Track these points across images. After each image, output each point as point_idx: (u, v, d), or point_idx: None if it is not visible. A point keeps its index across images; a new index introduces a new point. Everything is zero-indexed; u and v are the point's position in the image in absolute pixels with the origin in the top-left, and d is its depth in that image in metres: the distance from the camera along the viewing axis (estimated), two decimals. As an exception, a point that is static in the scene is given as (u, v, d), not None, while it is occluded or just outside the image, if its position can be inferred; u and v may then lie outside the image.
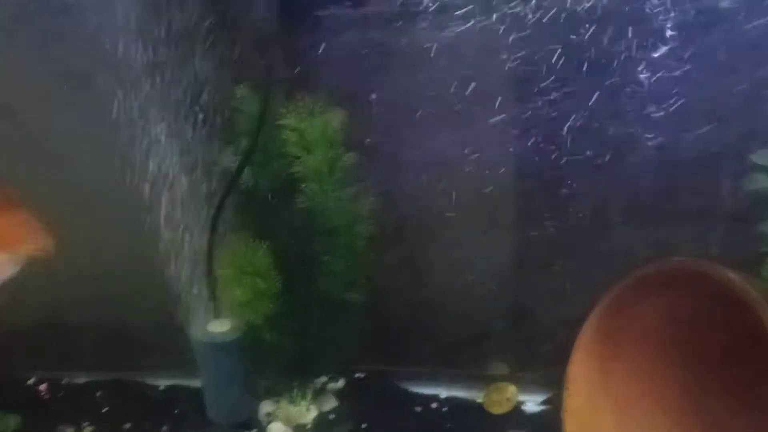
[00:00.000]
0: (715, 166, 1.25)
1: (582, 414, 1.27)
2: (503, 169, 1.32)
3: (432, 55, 1.24)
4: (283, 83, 1.27)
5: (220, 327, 1.41)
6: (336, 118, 1.25)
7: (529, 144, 1.27)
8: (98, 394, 1.60)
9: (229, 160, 1.31)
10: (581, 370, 1.26)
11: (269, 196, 1.31)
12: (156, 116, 1.29)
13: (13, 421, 1.50)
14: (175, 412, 1.53)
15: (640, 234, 1.30)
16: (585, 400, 1.26)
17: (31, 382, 1.65)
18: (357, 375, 1.54)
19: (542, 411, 1.44)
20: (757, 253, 1.19)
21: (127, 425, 1.51)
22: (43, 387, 1.63)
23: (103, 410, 1.56)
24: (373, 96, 1.29)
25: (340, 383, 1.53)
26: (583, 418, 1.27)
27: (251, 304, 1.30)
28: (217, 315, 1.42)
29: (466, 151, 1.31)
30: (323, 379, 1.53)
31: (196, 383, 1.52)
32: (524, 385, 1.47)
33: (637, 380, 1.25)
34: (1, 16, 1.33)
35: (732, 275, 1.06)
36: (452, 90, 1.26)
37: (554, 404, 1.42)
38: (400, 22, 1.25)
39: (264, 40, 1.25)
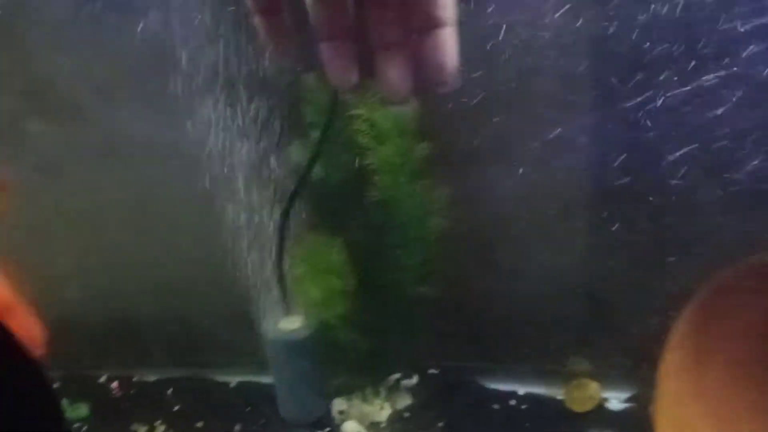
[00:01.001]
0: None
1: (675, 414, 1.20)
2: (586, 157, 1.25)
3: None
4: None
5: (291, 324, 1.38)
6: (410, 108, 1.20)
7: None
8: (169, 391, 1.59)
9: (299, 153, 1.27)
10: (674, 368, 1.18)
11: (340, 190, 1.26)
12: (223, 111, 1.26)
13: (83, 408, 1.51)
14: (247, 410, 1.51)
15: (738, 225, 1.22)
16: (678, 399, 1.19)
17: (102, 380, 1.65)
18: (431, 371, 1.50)
19: (627, 408, 1.38)
20: None
21: (200, 424, 1.50)
22: (114, 385, 1.63)
23: (175, 408, 1.55)
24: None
25: (414, 380, 1.49)
26: (676, 418, 1.20)
27: (325, 302, 1.27)
28: (288, 312, 1.39)
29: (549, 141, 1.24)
30: (396, 375, 1.48)
31: (266, 380, 1.50)
32: (607, 382, 1.40)
33: (735, 379, 1.18)
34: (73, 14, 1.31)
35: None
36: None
37: (640, 402, 1.36)
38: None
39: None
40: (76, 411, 1.53)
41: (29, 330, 1.09)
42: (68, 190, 1.46)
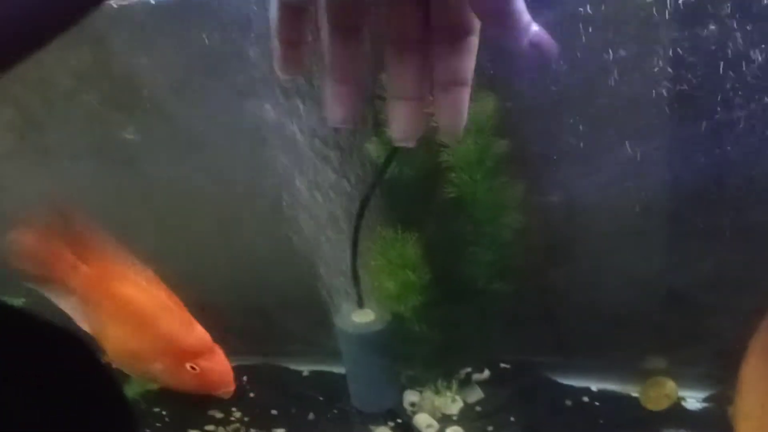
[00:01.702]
0: None
1: (755, 418, 1.17)
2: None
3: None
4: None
5: (364, 317, 1.40)
6: (488, 104, 1.20)
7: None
8: (244, 378, 1.64)
9: (377, 149, 1.28)
10: (757, 371, 1.17)
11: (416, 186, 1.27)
12: (296, 107, 1.27)
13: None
14: (320, 399, 1.54)
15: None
16: (759, 403, 1.17)
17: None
18: (503, 365, 1.50)
19: (705, 408, 1.36)
20: None
21: (274, 411, 1.53)
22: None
23: (251, 395, 1.59)
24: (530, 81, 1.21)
25: (486, 374, 1.49)
26: (757, 422, 1.17)
27: (400, 295, 1.28)
28: (361, 305, 1.41)
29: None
30: (468, 369, 1.49)
31: (339, 370, 1.53)
32: (684, 381, 1.38)
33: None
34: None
35: None
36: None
37: (718, 402, 1.33)
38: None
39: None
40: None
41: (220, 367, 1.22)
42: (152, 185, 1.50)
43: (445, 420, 1.43)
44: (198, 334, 1.18)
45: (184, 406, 1.56)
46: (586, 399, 1.42)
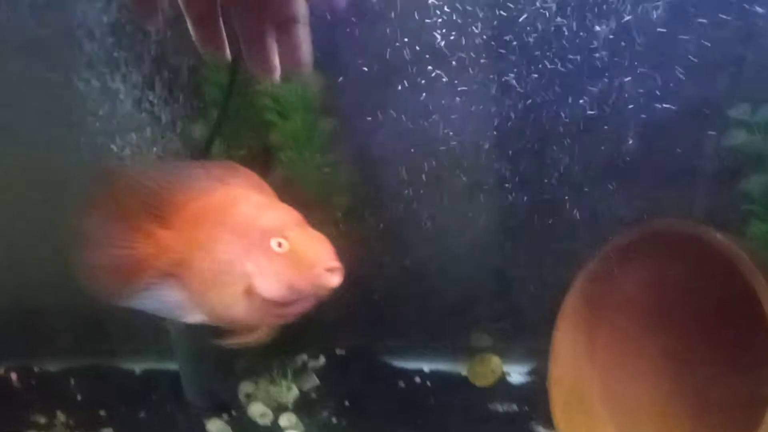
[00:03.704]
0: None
1: (568, 383, 1.25)
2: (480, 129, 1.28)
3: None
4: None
5: (195, 309, 1.36)
6: (314, 82, 1.21)
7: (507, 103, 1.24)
8: (72, 381, 1.55)
9: (201, 132, 1.26)
10: (567, 339, 1.24)
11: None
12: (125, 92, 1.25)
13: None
14: (152, 397, 1.49)
15: (623, 196, 1.27)
16: (571, 368, 1.25)
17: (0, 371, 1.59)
18: (338, 352, 1.51)
19: (528, 382, 1.42)
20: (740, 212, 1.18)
21: (102, 413, 1.46)
22: (13, 376, 1.57)
23: (78, 398, 1.51)
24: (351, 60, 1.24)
25: (321, 361, 1.49)
26: (570, 387, 1.25)
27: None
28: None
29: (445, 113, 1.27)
30: (303, 357, 1.49)
31: (172, 367, 1.48)
32: (509, 356, 1.44)
33: (623, 347, 1.24)
34: None
35: (720, 237, 1.04)
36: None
37: (540, 374, 1.40)
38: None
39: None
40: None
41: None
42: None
43: (280, 408, 1.42)
44: (280, 209, 0.89)
45: (4, 411, 1.47)
46: (418, 380, 1.46)
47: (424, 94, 1.25)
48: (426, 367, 1.47)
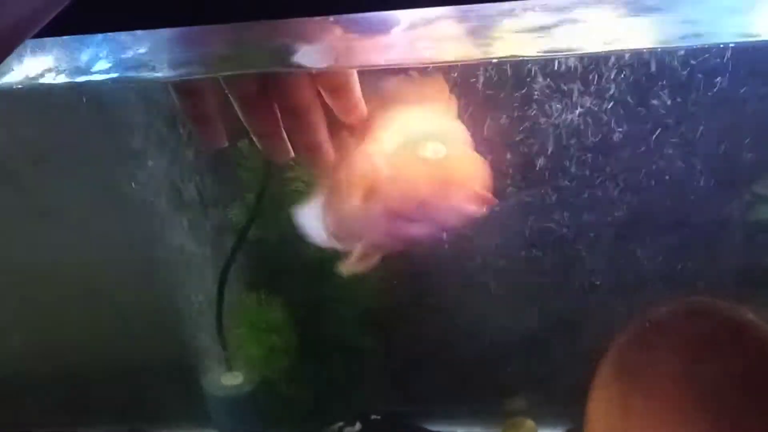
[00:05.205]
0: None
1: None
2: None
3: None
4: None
5: (233, 380, 1.40)
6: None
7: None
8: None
9: (237, 214, 1.29)
10: (601, 407, 1.25)
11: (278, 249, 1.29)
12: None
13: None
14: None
15: (654, 263, 1.29)
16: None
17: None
18: (374, 417, 1.53)
19: (562, 446, 1.44)
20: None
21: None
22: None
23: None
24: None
25: (357, 427, 1.51)
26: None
27: (266, 359, 1.29)
28: (229, 368, 1.41)
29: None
30: (339, 424, 1.51)
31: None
32: (544, 420, 1.46)
33: (657, 418, 1.24)
34: None
35: (751, 316, 1.05)
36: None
37: (575, 438, 1.42)
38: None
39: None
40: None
41: None
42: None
43: (317, 476, 1.44)
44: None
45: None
46: (454, 443, 1.48)
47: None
48: (459, 429, 1.49)
